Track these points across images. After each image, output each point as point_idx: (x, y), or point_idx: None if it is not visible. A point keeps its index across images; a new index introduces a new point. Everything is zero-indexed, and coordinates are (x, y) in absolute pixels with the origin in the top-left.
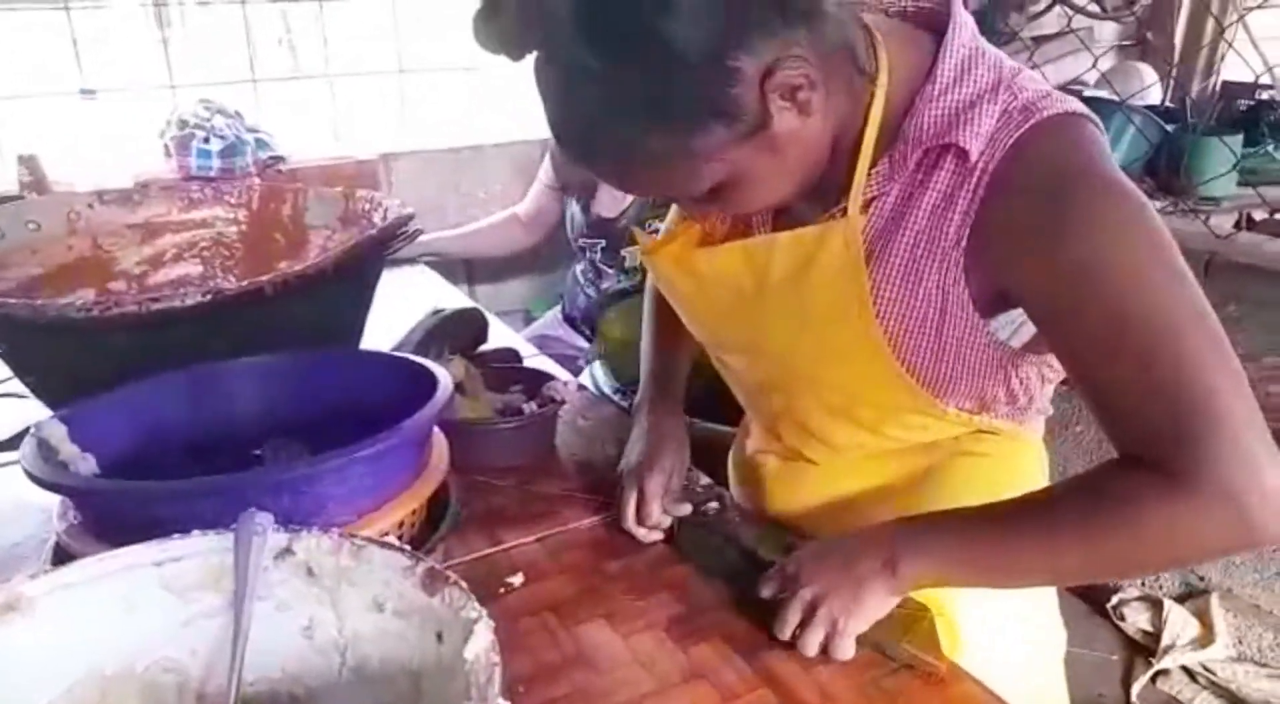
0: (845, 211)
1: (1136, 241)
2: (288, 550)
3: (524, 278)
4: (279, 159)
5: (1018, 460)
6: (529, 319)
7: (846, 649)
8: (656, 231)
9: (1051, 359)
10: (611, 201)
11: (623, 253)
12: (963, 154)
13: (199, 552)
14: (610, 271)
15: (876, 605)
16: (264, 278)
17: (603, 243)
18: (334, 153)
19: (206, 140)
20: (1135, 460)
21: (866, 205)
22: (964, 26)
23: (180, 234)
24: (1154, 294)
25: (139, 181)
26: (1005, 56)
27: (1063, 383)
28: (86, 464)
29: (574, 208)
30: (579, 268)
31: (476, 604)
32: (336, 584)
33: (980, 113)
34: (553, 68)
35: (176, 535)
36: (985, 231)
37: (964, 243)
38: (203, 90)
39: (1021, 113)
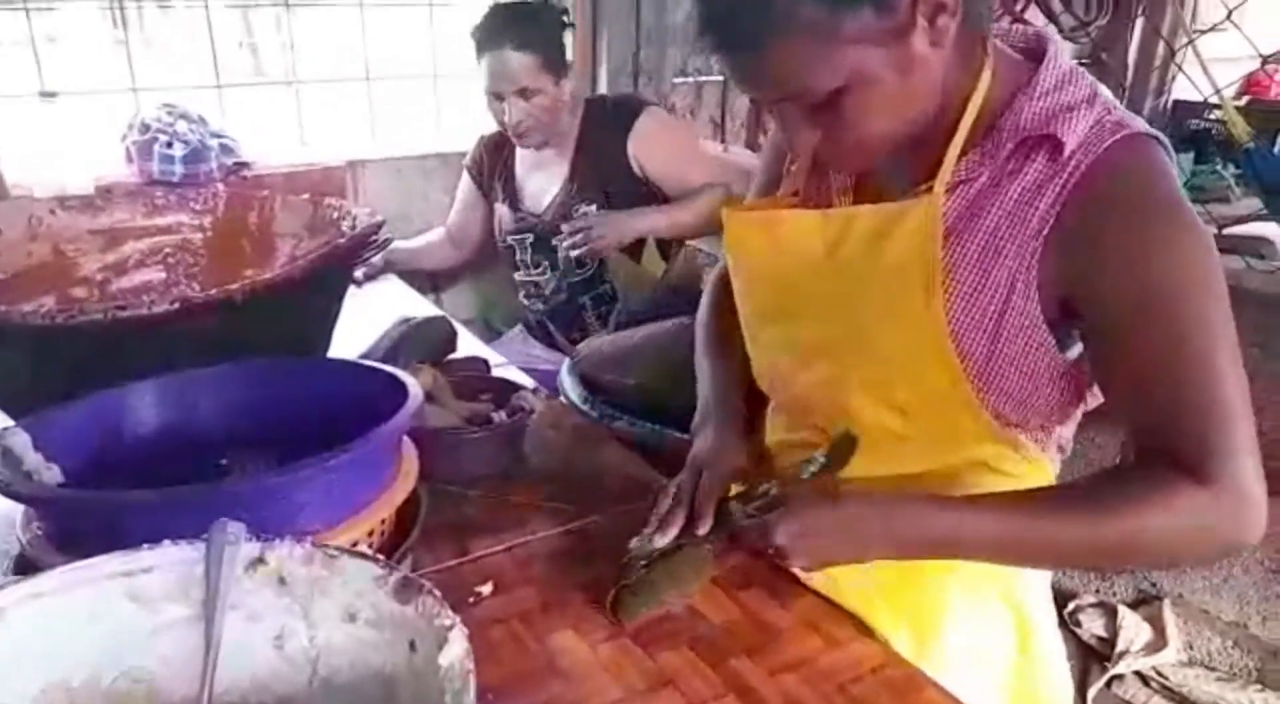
0: (931, 190)
1: (1202, 274)
2: (260, 560)
3: (482, 285)
4: (244, 165)
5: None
6: (487, 326)
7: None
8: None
9: (1095, 387)
10: (537, 196)
11: (555, 242)
12: (1058, 148)
13: (169, 562)
14: (540, 270)
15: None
16: (234, 286)
17: (530, 237)
18: (300, 159)
19: (169, 145)
20: (1158, 461)
21: (953, 189)
22: (1061, 52)
23: (143, 240)
24: (1207, 323)
25: (100, 186)
26: (1098, 82)
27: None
28: (51, 474)
29: (501, 210)
30: (521, 284)
31: (450, 612)
32: (309, 594)
33: (1078, 115)
34: None
35: (146, 546)
36: (1068, 233)
37: (1045, 234)
38: (166, 94)
39: (1115, 125)
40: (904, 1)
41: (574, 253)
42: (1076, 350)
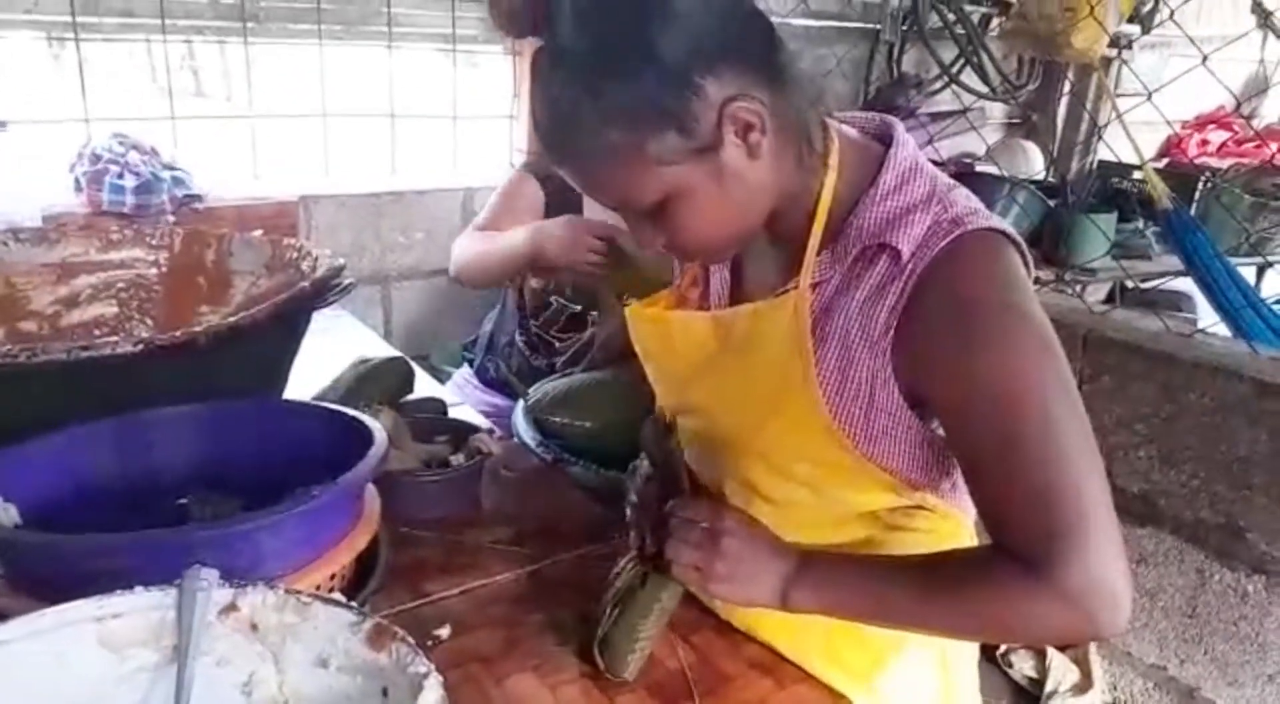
0: (797, 287)
1: (1034, 366)
2: (232, 606)
3: (433, 322)
4: (195, 197)
5: (952, 538)
6: (431, 367)
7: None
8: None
9: None
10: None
11: (589, 316)
12: (896, 254)
13: (139, 608)
14: (566, 335)
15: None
16: (198, 328)
17: (578, 308)
18: (253, 192)
19: (121, 175)
20: (1008, 552)
21: (814, 288)
22: (905, 144)
23: (96, 274)
24: (1044, 412)
25: (47, 215)
26: (941, 174)
27: None
28: (8, 514)
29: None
30: (517, 333)
31: (424, 659)
32: (280, 640)
33: (914, 219)
34: (546, 52)
35: (117, 591)
36: (908, 334)
37: (892, 333)
38: (117, 124)
39: (950, 224)
40: (707, 123)
41: None
42: None
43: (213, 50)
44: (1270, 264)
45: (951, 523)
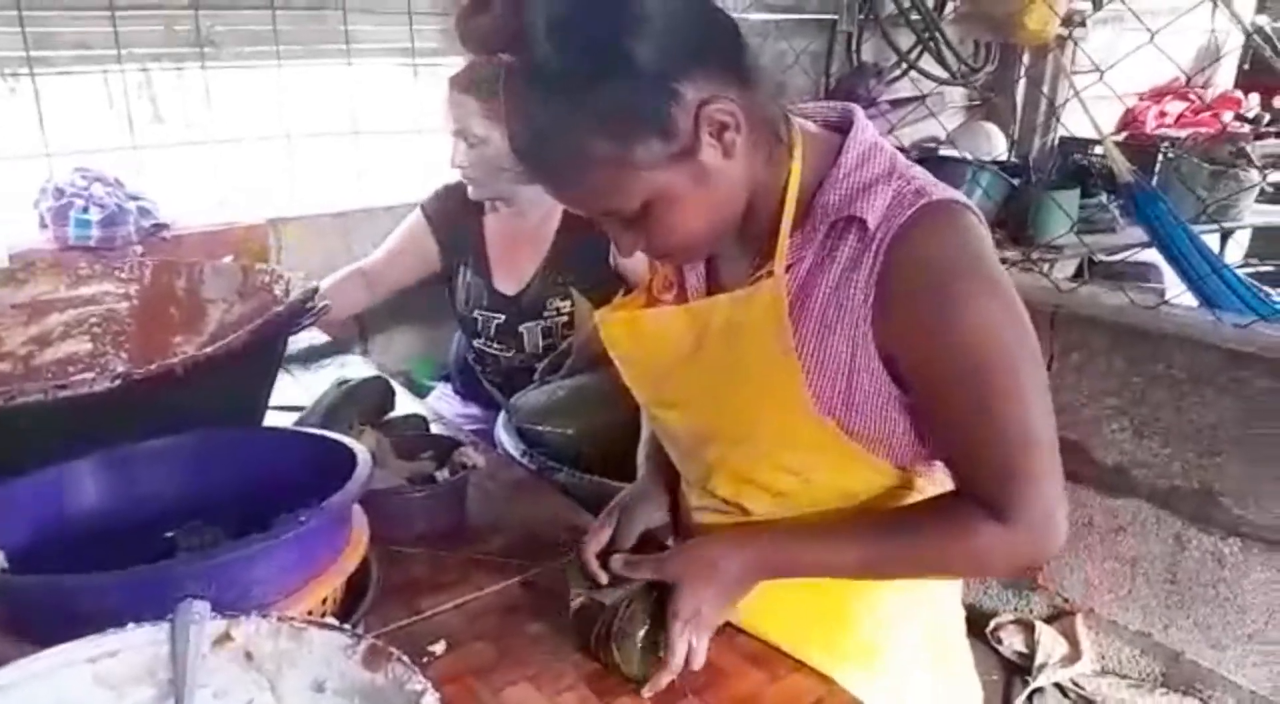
0: (771, 273)
1: (1003, 322)
2: (226, 636)
3: (410, 337)
4: (162, 226)
5: None
6: (410, 382)
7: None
8: (559, 311)
9: None
10: (509, 274)
11: (520, 329)
12: (863, 225)
13: (134, 645)
14: (504, 347)
15: (729, 610)
16: (174, 360)
17: (501, 318)
18: (220, 218)
19: (85, 209)
20: (969, 495)
21: (787, 270)
22: (864, 129)
23: (67, 312)
24: (1012, 367)
25: (15, 254)
26: (899, 154)
27: None
28: None
29: (468, 276)
30: (468, 352)
31: (421, 677)
32: (276, 667)
33: (877, 191)
34: (520, 70)
35: (110, 630)
36: (885, 301)
37: (870, 303)
38: (79, 158)
39: (914, 195)
40: (685, 126)
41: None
42: None
43: (170, 77)
44: (1230, 232)
45: None
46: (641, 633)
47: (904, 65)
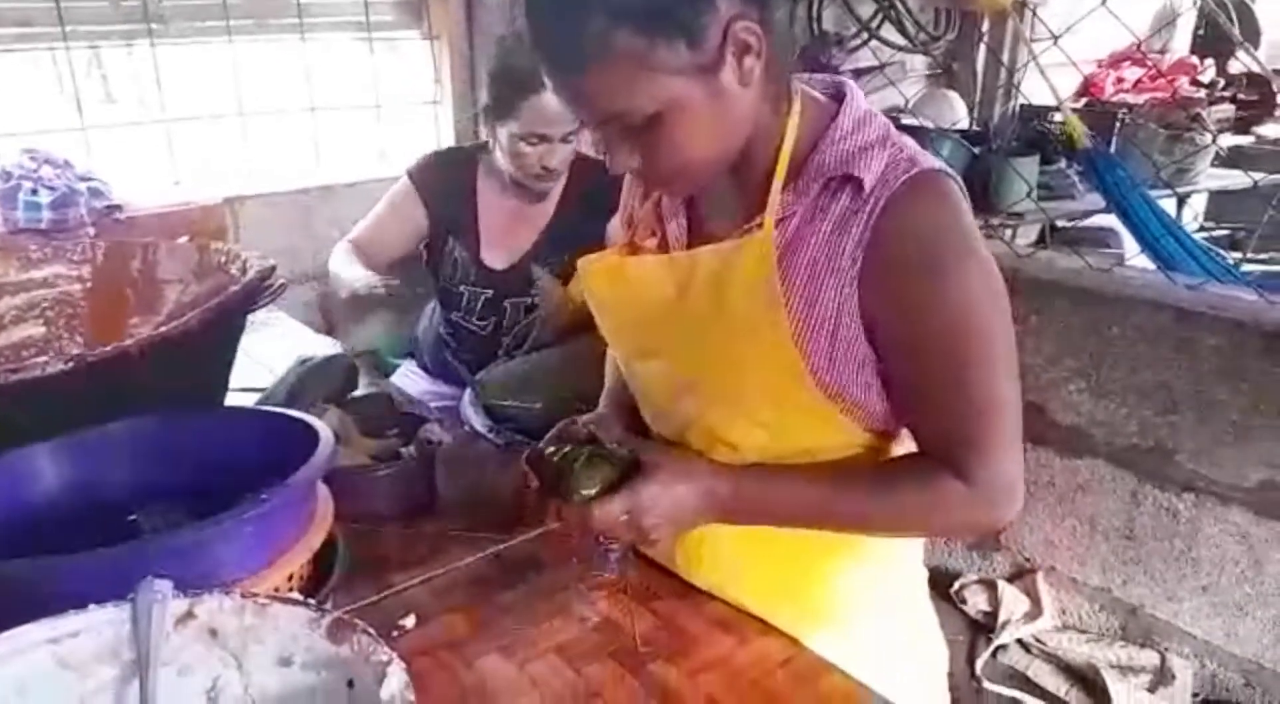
0: (760, 226)
1: (981, 296)
2: (189, 614)
3: (376, 316)
4: (115, 207)
5: None
6: (377, 361)
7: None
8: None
9: None
10: (501, 248)
11: (505, 304)
12: (859, 186)
13: (95, 625)
14: (484, 323)
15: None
16: (129, 342)
17: (489, 293)
18: (175, 199)
19: (35, 191)
20: (933, 457)
21: (776, 224)
22: (858, 96)
23: (19, 296)
24: (984, 335)
25: None
26: (891, 124)
27: None
28: None
29: (455, 249)
30: (440, 326)
31: (385, 648)
32: (242, 644)
33: (873, 154)
34: None
35: (71, 611)
36: (874, 261)
37: (859, 264)
38: (26, 139)
39: (908, 162)
40: (714, 39)
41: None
42: None
43: (119, 55)
44: (1186, 196)
45: None
46: (598, 475)
47: (865, 34)
